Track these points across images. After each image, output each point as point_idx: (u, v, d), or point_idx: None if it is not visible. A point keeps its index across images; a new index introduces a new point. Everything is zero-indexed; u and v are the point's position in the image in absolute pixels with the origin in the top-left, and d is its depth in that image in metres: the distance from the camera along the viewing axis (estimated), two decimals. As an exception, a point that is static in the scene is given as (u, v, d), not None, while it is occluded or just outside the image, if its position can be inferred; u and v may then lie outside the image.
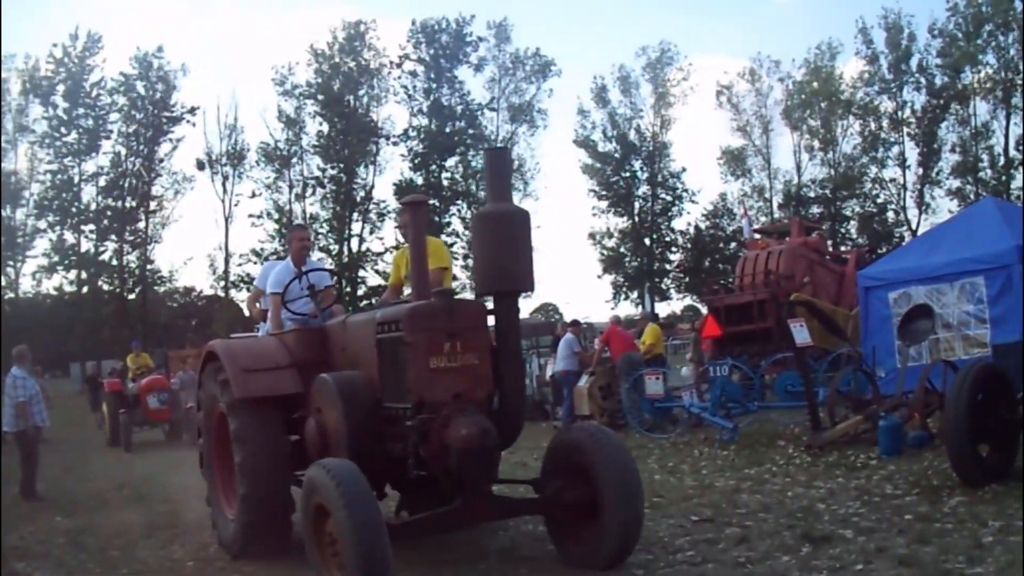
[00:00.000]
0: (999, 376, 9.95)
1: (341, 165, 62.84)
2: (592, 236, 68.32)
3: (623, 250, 68.52)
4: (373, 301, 31.27)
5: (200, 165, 61.61)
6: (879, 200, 65.50)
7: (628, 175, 67.40)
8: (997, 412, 9.68)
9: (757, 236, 28.96)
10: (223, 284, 63.12)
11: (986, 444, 9.78)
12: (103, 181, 60.98)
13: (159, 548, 9.90)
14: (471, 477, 6.97)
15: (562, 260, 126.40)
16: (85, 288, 60.64)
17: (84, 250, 60.44)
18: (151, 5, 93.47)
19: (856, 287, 18.10)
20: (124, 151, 61.15)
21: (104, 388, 26.06)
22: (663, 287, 69.03)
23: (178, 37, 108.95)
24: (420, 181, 62.35)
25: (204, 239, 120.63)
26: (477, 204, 63.56)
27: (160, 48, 61.37)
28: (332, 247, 61.50)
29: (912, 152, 63.09)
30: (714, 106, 70.50)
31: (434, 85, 64.81)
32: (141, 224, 61.73)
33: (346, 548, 6.17)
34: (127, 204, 61.22)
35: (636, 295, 67.65)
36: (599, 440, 7.39)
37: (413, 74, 64.83)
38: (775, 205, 66.54)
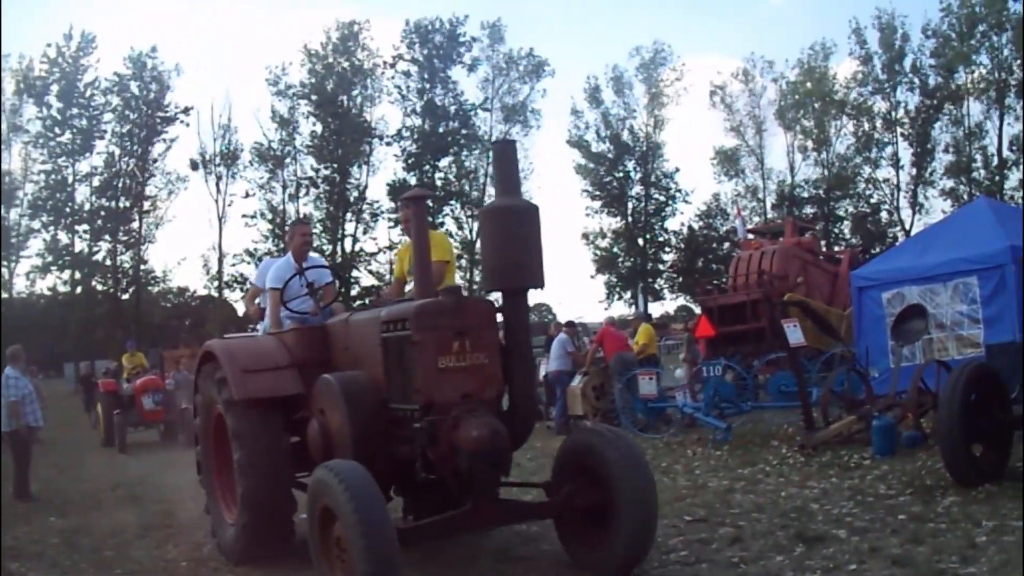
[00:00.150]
0: (992, 376, 9.98)
1: (335, 165, 62.84)
2: (585, 236, 68.44)
3: (616, 250, 68.48)
4: (367, 301, 31.23)
5: (194, 165, 61.50)
6: (872, 200, 65.65)
7: (621, 175, 67.39)
8: (990, 412, 9.72)
9: (751, 236, 29.01)
10: (217, 284, 63.16)
11: (979, 444, 9.81)
12: (97, 181, 60.78)
13: (153, 548, 9.91)
14: (482, 480, 6.78)
15: (555, 260, 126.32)
16: (79, 288, 60.43)
17: (78, 250, 60.26)
18: (145, 5, 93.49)
19: (849, 287, 18.08)
20: (118, 151, 61.00)
21: (99, 388, 25.95)
22: (656, 287, 69.12)
23: (172, 37, 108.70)
24: (413, 181, 62.09)
25: (198, 239, 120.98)
26: (471, 204, 63.63)
27: (154, 48, 61.33)
28: (326, 247, 61.32)
29: (906, 152, 63.39)
30: (707, 106, 71.07)
31: (427, 85, 64.75)
32: (135, 224, 61.62)
33: (354, 552, 5.97)
34: (121, 204, 61.01)
35: (629, 295, 67.56)
36: (612, 442, 7.19)
37: (407, 74, 64.88)
38: (768, 205, 66.74)
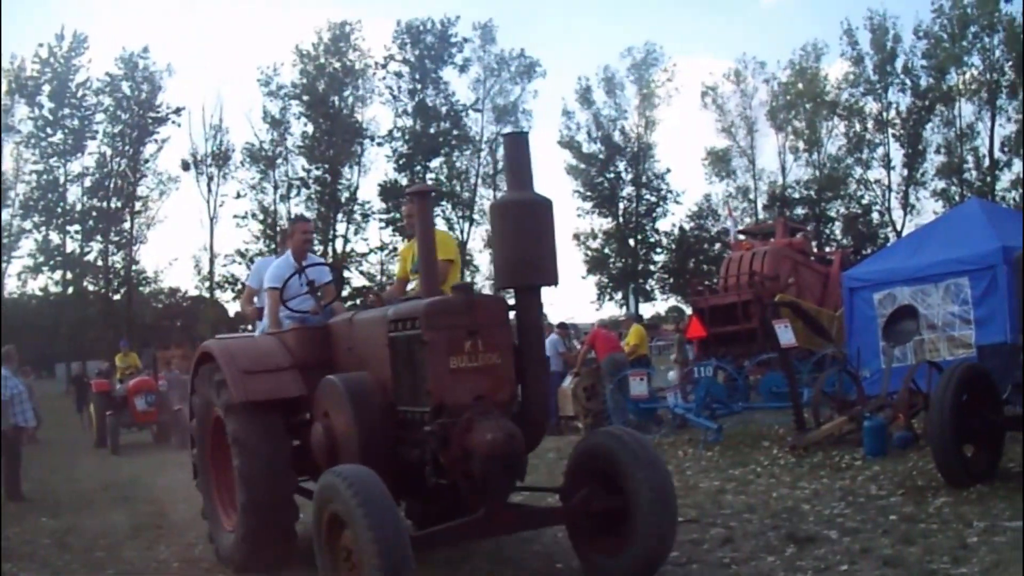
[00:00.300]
0: (984, 377, 9.99)
1: (326, 166, 62.77)
2: (576, 237, 68.17)
3: (607, 251, 68.49)
4: (357, 302, 31.16)
5: (185, 166, 61.35)
6: (864, 201, 65.64)
7: (613, 176, 67.36)
8: (982, 413, 9.73)
9: (742, 237, 29.07)
10: (208, 285, 62.97)
11: (971, 445, 9.83)
12: (88, 182, 60.67)
13: (145, 549, 9.88)
14: (496, 485, 6.51)
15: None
16: (70, 289, 60.29)
17: (69, 251, 60.09)
18: (137, 5, 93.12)
19: (841, 288, 18.15)
20: (109, 151, 60.89)
21: (92, 389, 25.87)
22: (647, 288, 68.96)
23: (164, 37, 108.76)
24: (405, 182, 62.13)
25: (189, 240, 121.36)
26: (462, 206, 63.62)
27: (146, 48, 61.11)
28: (317, 248, 61.26)
29: (897, 153, 63.41)
30: (699, 107, 70.48)
31: (419, 86, 64.69)
32: (126, 225, 61.47)
33: (366, 562, 5.68)
34: (112, 205, 60.86)
35: (620, 296, 67.56)
36: (629, 444, 6.89)
37: (398, 75, 64.73)
38: (760, 206, 66.76)
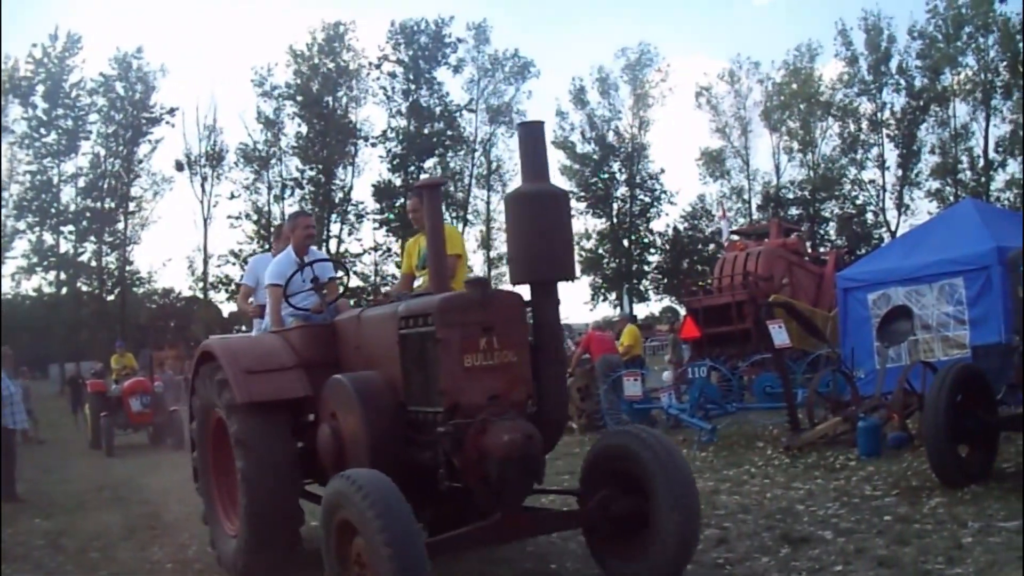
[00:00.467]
0: (978, 377, 10.00)
1: (320, 166, 62.75)
2: (571, 237, 67.77)
3: (601, 251, 68.39)
4: (352, 303, 31.13)
5: (179, 166, 61.35)
6: (858, 201, 65.69)
7: (607, 176, 67.36)
8: (976, 413, 9.73)
9: (736, 237, 29.02)
10: (202, 286, 62.96)
11: (965, 445, 9.84)
12: (82, 182, 60.62)
13: (139, 550, 9.85)
14: (513, 488, 6.27)
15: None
16: (64, 289, 60.33)
17: (63, 251, 60.05)
18: (131, 6, 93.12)
19: (835, 288, 18.13)
20: (103, 152, 60.85)
21: (87, 389, 25.75)
22: (641, 288, 69.03)
23: (158, 38, 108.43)
24: (399, 182, 62.34)
25: (183, 240, 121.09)
26: (456, 206, 63.55)
27: (139, 49, 61.19)
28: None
29: (891, 154, 63.46)
30: (693, 107, 70.80)
31: (413, 86, 64.67)
32: (120, 225, 61.55)
33: (379, 569, 5.42)
34: (106, 205, 60.87)
35: (615, 296, 67.41)
36: (650, 444, 6.63)
37: (392, 75, 64.73)
38: (754, 206, 66.68)
